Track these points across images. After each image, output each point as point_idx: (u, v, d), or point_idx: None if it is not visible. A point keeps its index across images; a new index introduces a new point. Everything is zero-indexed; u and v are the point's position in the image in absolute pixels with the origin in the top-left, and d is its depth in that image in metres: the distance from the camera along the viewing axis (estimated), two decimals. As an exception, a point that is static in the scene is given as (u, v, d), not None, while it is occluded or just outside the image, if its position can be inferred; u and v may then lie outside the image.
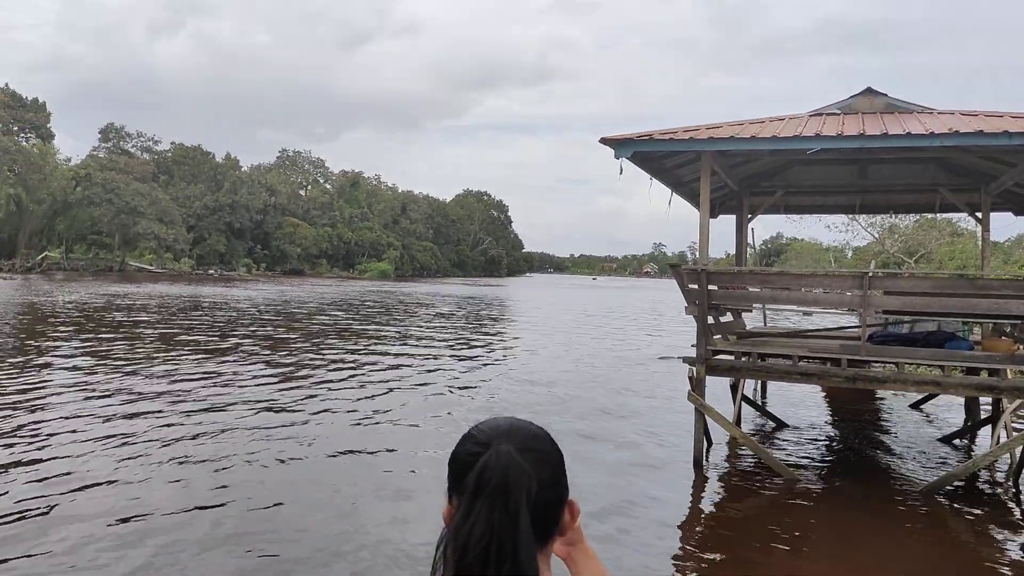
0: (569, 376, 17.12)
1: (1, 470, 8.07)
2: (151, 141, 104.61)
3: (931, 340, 9.41)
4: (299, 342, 21.50)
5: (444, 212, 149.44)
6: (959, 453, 10.68)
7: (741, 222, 13.62)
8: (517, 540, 1.08)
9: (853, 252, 59.54)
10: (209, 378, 14.36)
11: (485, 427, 1.22)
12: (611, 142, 8.91)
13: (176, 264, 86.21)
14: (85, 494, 7.43)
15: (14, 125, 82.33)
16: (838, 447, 11.05)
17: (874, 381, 8.83)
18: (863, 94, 10.39)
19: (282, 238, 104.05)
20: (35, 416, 10.69)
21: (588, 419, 12.19)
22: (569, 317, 39.35)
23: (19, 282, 50.39)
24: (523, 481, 1.12)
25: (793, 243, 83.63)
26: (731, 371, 9.61)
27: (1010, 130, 7.50)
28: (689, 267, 9.34)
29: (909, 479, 9.09)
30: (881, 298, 9.06)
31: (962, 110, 9.55)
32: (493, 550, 1.06)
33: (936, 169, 12.25)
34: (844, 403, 14.35)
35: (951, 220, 41.55)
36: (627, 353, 22.56)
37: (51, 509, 6.94)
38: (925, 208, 15.66)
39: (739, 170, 12.30)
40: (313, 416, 11.38)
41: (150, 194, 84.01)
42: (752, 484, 8.80)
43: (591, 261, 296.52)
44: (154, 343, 19.71)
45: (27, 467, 8.24)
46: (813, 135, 8.25)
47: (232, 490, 7.73)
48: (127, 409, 11.33)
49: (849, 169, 12.68)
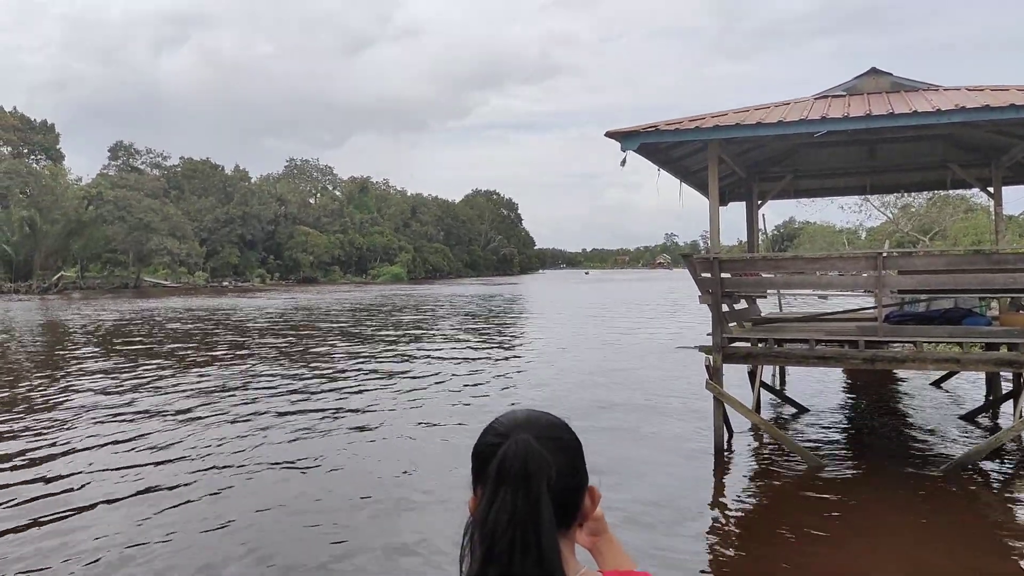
0: (586, 367, 17.12)
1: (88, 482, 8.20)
2: (160, 157, 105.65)
3: (948, 317, 9.38)
4: (349, 346, 21.63)
5: (454, 213, 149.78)
6: (982, 429, 10.62)
7: (751, 209, 13.60)
8: (540, 525, 1.12)
9: (867, 233, 59.17)
10: (276, 386, 14.52)
11: (504, 419, 1.26)
12: (617, 135, 8.92)
13: (191, 278, 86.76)
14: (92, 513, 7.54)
15: (24, 148, 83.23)
16: (860, 430, 11.01)
17: (893, 361, 8.81)
18: (868, 74, 10.33)
19: (294, 247, 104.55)
20: (90, 430, 10.83)
21: (606, 409, 12.20)
22: (583, 310, 39.33)
23: (37, 303, 50.84)
24: (543, 468, 1.16)
25: (806, 227, 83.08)
26: (748, 358, 9.60)
27: (1016, 103, 7.46)
28: (701, 256, 9.34)
29: (933, 458, 9.06)
30: (896, 278, 9.02)
31: (968, 86, 9.49)
32: (518, 536, 1.11)
33: (945, 146, 12.18)
34: (864, 385, 14.30)
35: (964, 196, 41.19)
36: (643, 343, 22.54)
37: (70, 520, 7.05)
38: (936, 185, 15.55)
39: (747, 157, 12.28)
40: (379, 417, 11.47)
41: (162, 210, 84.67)
42: (775, 471, 8.79)
43: (603, 255, 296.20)
44: (210, 354, 19.88)
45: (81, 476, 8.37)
46: (819, 118, 8.23)
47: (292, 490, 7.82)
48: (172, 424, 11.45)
49: (858, 150, 12.62)
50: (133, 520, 7.17)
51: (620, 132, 8.92)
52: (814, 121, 8.24)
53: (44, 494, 8.02)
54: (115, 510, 7.51)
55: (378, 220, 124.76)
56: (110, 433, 10.87)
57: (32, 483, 8.46)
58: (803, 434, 10.42)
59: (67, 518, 7.25)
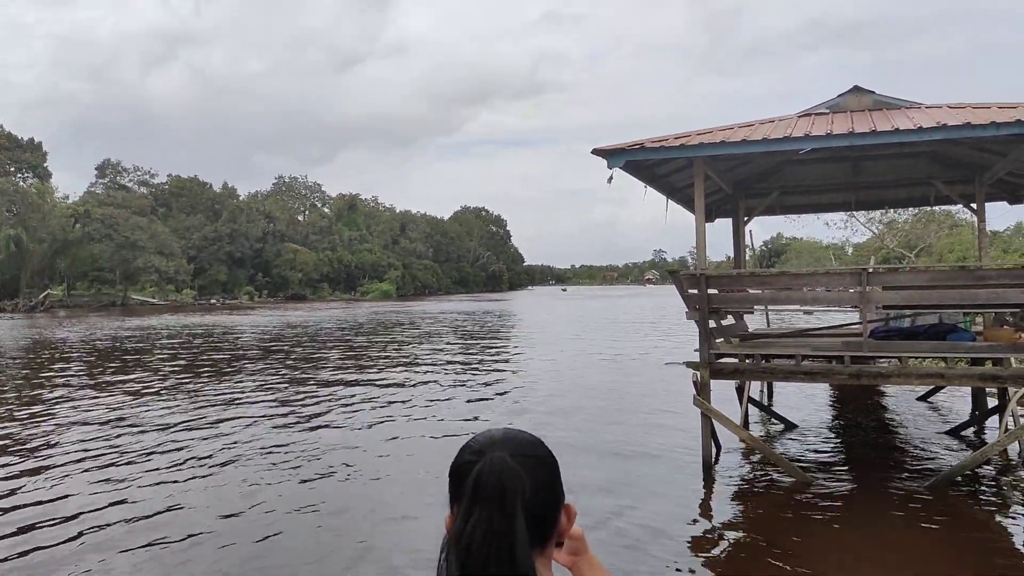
0: (574, 383, 17.12)
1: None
2: (148, 174, 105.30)
3: (933, 333, 9.43)
4: (340, 362, 21.54)
5: (443, 230, 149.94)
6: (968, 444, 10.67)
7: (738, 225, 13.68)
8: (514, 542, 1.12)
9: (853, 248, 59.57)
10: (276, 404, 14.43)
11: (481, 437, 1.26)
12: (603, 153, 8.97)
13: (178, 296, 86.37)
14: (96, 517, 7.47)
15: (11, 166, 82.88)
16: (847, 444, 11.04)
17: (878, 376, 8.85)
18: (851, 92, 10.46)
19: (282, 264, 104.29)
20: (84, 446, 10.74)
21: (594, 426, 12.18)
22: (571, 326, 39.34)
23: (23, 321, 50.45)
24: (517, 485, 1.16)
25: (793, 243, 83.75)
26: (735, 374, 9.62)
27: (997, 120, 7.56)
28: (688, 272, 9.38)
29: (920, 472, 9.09)
30: (881, 294, 9.09)
31: (950, 103, 9.62)
32: (492, 552, 1.11)
33: (929, 162, 12.31)
34: (851, 400, 14.35)
35: (950, 212, 41.63)
36: (631, 359, 22.55)
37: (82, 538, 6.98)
38: (920, 201, 15.71)
39: (733, 174, 12.37)
40: (378, 436, 11.42)
41: (149, 227, 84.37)
42: (762, 487, 8.80)
43: (592, 271, 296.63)
44: (209, 372, 19.76)
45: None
46: (803, 135, 8.31)
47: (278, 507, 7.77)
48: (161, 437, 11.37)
49: (842, 167, 12.74)
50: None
51: (606, 149, 8.97)
52: (798, 138, 8.31)
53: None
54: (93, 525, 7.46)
55: (367, 237, 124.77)
56: (89, 458, 10.78)
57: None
58: (790, 449, 10.44)
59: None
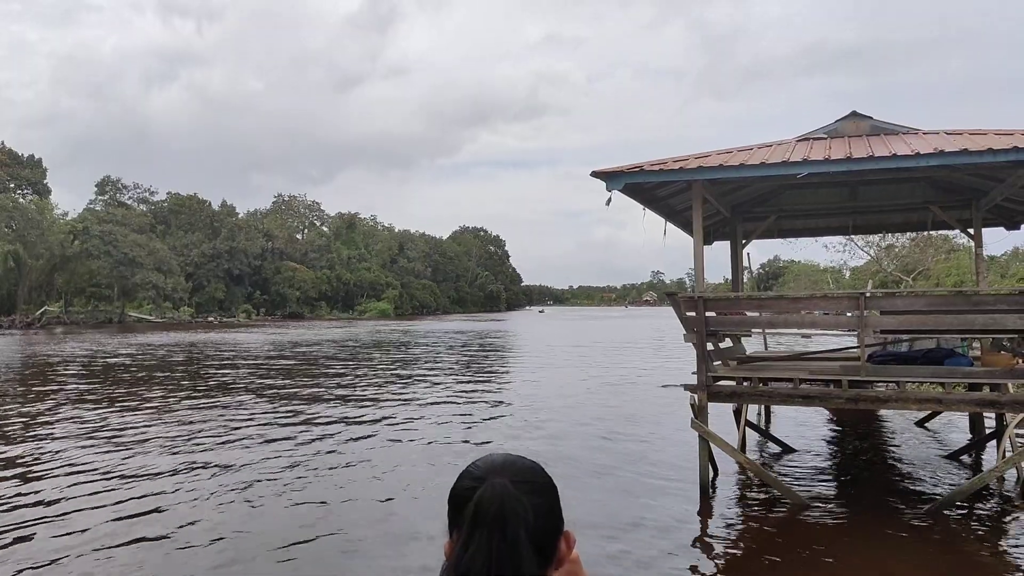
0: (571, 406, 17.07)
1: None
2: (147, 192, 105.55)
3: (931, 357, 9.43)
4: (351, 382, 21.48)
5: (441, 250, 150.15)
6: (966, 469, 10.65)
7: (736, 248, 13.71)
8: (518, 569, 1.12)
9: (851, 272, 59.71)
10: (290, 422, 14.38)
11: (481, 463, 1.26)
12: (602, 175, 9.01)
13: (175, 313, 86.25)
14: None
15: (11, 183, 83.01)
16: (845, 469, 11.01)
17: (876, 401, 8.84)
18: (848, 118, 10.53)
19: (280, 282, 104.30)
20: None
21: (591, 449, 12.13)
22: (569, 348, 39.30)
23: (19, 338, 50.32)
24: (519, 511, 1.16)
25: (791, 265, 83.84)
26: (733, 397, 9.61)
27: (994, 147, 7.61)
28: (686, 295, 9.39)
29: (918, 497, 9.06)
30: (878, 318, 9.10)
31: (947, 129, 9.68)
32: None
33: (926, 188, 12.37)
34: (849, 424, 14.32)
35: (947, 237, 41.76)
36: (628, 382, 22.51)
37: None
38: (917, 226, 15.75)
39: (731, 197, 12.42)
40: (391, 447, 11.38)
41: (148, 244, 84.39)
42: (760, 510, 8.76)
43: (590, 292, 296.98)
44: (216, 388, 19.69)
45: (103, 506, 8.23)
46: (801, 160, 8.35)
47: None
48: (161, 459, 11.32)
49: (840, 191, 12.80)
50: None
51: (605, 172, 9.02)
52: (796, 163, 8.35)
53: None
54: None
55: (365, 256, 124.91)
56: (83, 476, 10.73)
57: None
58: (788, 473, 10.40)
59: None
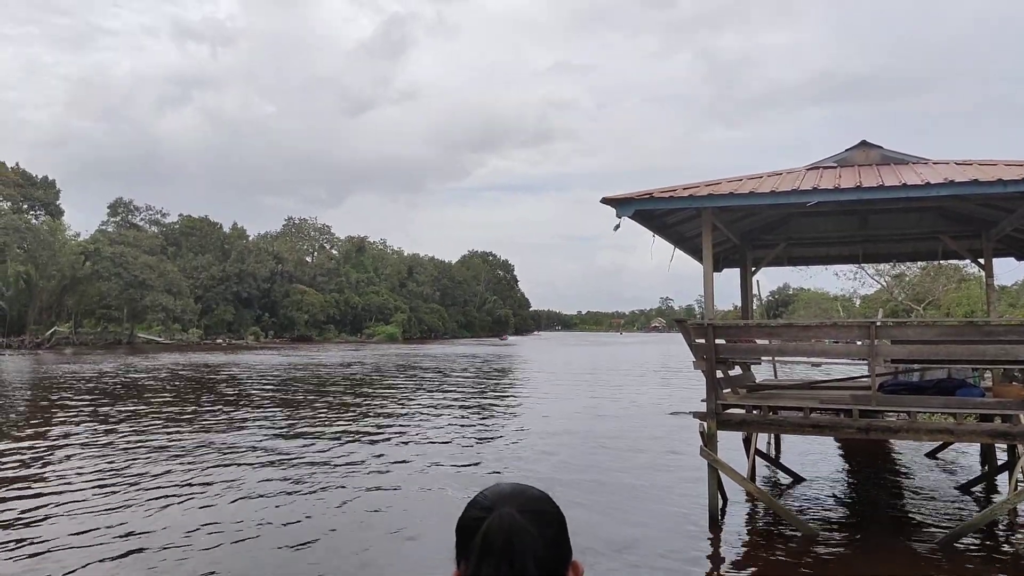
0: (579, 432, 16.99)
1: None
2: (159, 214, 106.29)
3: (942, 388, 9.36)
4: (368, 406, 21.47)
5: (450, 274, 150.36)
6: (977, 501, 10.53)
7: (745, 275, 13.70)
8: None
9: (861, 300, 59.44)
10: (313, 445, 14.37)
11: (489, 493, 1.25)
12: (612, 201, 9.04)
13: (184, 335, 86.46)
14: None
15: (24, 203, 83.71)
16: (855, 499, 10.91)
17: (887, 431, 8.78)
18: (858, 147, 10.56)
19: (289, 305, 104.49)
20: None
21: (601, 476, 12.06)
22: (577, 375, 39.19)
23: (29, 358, 50.49)
24: (527, 541, 1.15)
25: (800, 293, 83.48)
26: (742, 425, 9.56)
27: (1004, 178, 7.62)
28: (695, 322, 9.38)
29: (928, 529, 8.97)
30: (889, 347, 9.05)
31: (957, 159, 9.70)
32: None
33: (936, 217, 12.36)
34: (859, 454, 14.20)
35: (958, 266, 41.63)
36: (638, 407, 22.41)
37: None
38: (927, 256, 15.73)
39: (740, 224, 12.43)
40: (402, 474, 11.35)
41: (158, 266, 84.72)
42: (769, 540, 8.68)
43: (599, 317, 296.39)
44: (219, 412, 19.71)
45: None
46: (811, 188, 8.37)
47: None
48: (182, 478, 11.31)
49: (849, 220, 12.79)
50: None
51: (616, 198, 9.05)
52: (805, 192, 8.37)
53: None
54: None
55: (374, 280, 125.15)
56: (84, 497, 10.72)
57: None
58: (798, 502, 10.32)
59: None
